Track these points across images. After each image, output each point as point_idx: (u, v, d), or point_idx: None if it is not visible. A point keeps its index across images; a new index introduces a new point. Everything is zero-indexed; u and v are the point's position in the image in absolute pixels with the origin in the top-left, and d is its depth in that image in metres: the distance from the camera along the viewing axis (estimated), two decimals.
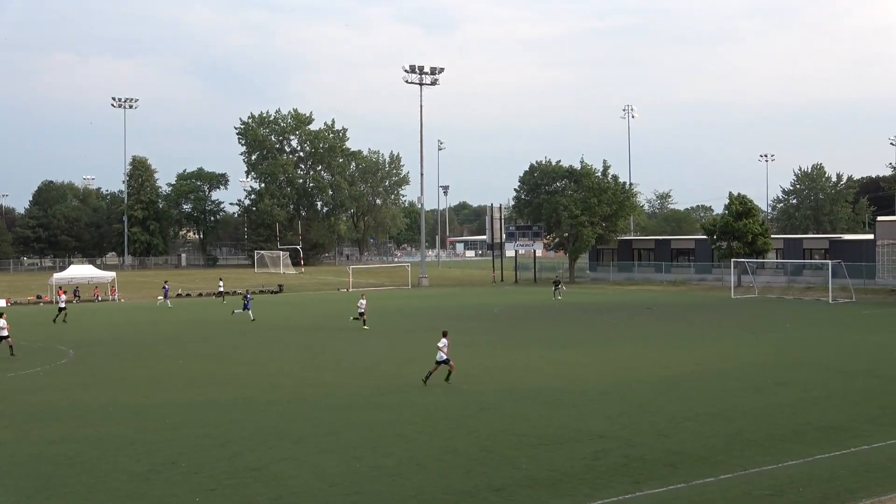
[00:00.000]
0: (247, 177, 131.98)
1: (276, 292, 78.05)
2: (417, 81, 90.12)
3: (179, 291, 76.46)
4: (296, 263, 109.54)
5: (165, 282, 70.08)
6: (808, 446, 18.93)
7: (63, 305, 52.59)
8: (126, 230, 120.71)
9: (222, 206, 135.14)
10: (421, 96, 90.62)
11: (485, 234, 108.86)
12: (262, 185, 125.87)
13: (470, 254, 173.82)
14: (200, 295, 75.22)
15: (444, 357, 27.23)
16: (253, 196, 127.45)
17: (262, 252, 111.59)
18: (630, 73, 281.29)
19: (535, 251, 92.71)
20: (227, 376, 29.92)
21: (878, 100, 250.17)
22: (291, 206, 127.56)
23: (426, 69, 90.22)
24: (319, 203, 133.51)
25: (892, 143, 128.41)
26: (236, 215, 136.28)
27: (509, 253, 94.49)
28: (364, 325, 45.07)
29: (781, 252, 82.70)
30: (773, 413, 22.59)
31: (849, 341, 38.30)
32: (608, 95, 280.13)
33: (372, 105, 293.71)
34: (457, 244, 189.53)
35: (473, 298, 68.67)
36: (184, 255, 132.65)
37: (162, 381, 29.12)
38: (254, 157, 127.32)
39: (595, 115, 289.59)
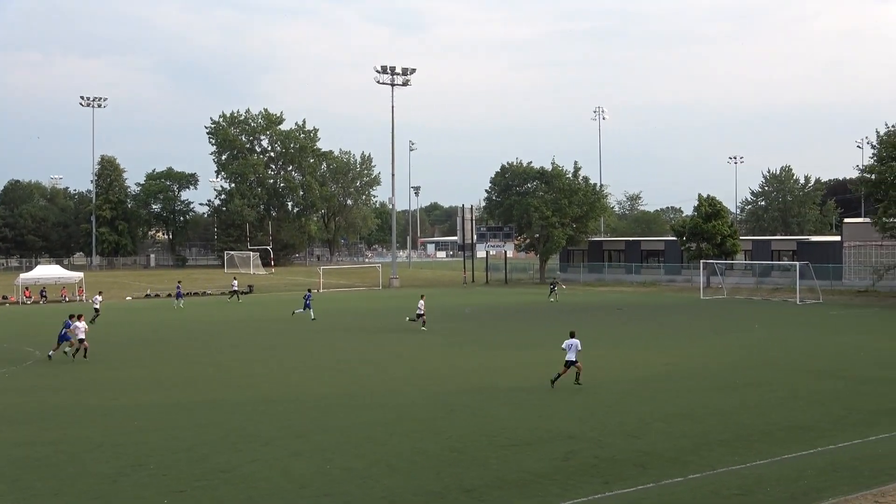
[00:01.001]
0: (217, 177, 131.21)
1: (245, 293, 77.60)
2: (389, 82, 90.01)
3: (148, 292, 75.85)
4: (266, 264, 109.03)
5: (179, 282, 69.07)
6: (775, 446, 19.09)
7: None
8: (94, 230, 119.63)
9: (192, 206, 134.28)
10: (392, 97, 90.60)
11: (456, 234, 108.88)
12: (233, 185, 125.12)
13: (441, 254, 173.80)
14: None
15: (573, 358, 26.69)
16: (223, 196, 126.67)
17: (232, 252, 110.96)
18: (601, 75, 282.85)
19: (506, 252, 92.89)
20: (195, 378, 29.74)
21: (845, 103, 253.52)
22: (262, 207, 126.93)
23: (398, 70, 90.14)
24: (290, 203, 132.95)
25: (858, 146, 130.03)
26: (206, 215, 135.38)
27: (480, 254, 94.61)
28: (423, 326, 43.82)
29: (750, 253, 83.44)
30: (742, 413, 22.77)
31: (816, 342, 38.68)
32: (579, 97, 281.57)
33: (343, 105, 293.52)
34: (428, 245, 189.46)
35: (444, 299, 68.65)
36: (153, 256, 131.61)
37: (130, 383, 28.88)
38: (224, 157, 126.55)
39: (566, 116, 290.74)
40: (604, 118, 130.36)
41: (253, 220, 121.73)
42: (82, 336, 33.77)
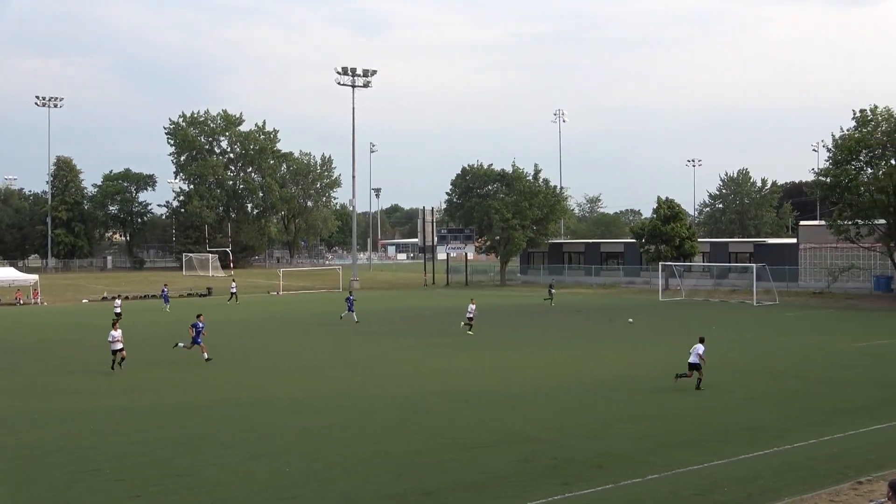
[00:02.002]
0: (175, 178, 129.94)
1: (204, 295, 77.03)
2: (350, 83, 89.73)
3: (105, 294, 74.97)
4: (225, 266, 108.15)
5: (165, 285, 67.92)
6: (733, 446, 19.28)
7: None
8: (49, 232, 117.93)
9: (150, 207, 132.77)
10: (353, 98, 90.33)
11: (417, 236, 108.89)
12: (191, 186, 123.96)
13: (402, 257, 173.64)
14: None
15: (696, 361, 26.47)
16: (181, 197, 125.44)
17: (191, 255, 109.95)
18: (561, 78, 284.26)
19: (466, 254, 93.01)
20: (153, 381, 29.39)
21: (801, 107, 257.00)
22: (221, 208, 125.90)
23: (358, 71, 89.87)
24: (250, 205, 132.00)
25: (814, 150, 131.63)
26: (164, 217, 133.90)
27: (441, 256, 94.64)
28: (469, 330, 42.88)
29: (708, 255, 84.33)
30: (699, 414, 22.99)
31: (772, 343, 39.14)
32: (539, 100, 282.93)
33: (303, 107, 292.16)
34: (388, 247, 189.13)
35: (405, 301, 68.63)
36: (110, 258, 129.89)
37: (87, 387, 28.52)
38: (182, 158, 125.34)
39: (526, 119, 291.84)
40: (564, 121, 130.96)
41: (212, 221, 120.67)
42: (119, 346, 31.37)
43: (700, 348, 26.49)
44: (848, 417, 22.30)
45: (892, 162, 64.44)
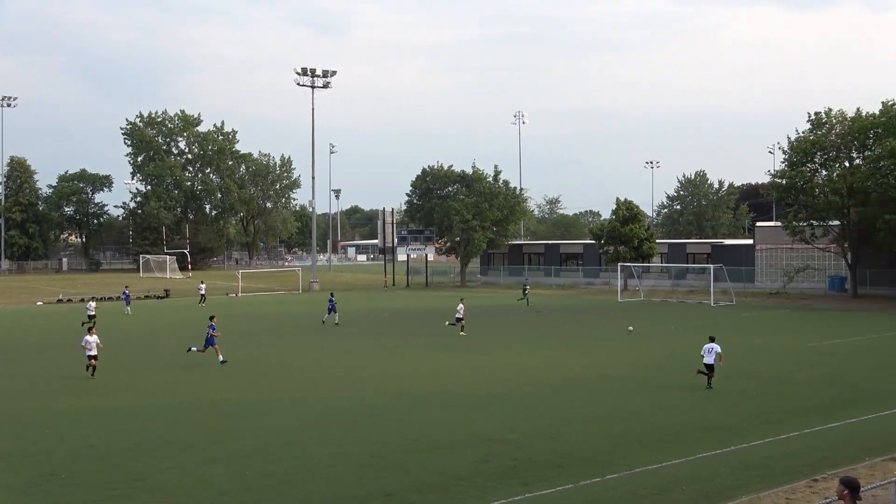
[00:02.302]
0: (132, 179, 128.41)
1: (161, 297, 76.28)
2: (309, 84, 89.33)
3: (60, 297, 73.96)
4: (183, 268, 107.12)
5: (126, 287, 66.16)
6: (690, 445, 19.46)
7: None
8: (3, 233, 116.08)
9: (106, 208, 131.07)
10: (313, 99, 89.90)
11: (377, 238, 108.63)
12: (149, 187, 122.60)
13: (362, 258, 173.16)
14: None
15: (712, 361, 26.62)
16: (139, 199, 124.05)
17: (148, 256, 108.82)
18: (520, 80, 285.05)
19: (427, 255, 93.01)
20: (109, 384, 29.00)
21: (757, 109, 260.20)
22: (179, 210, 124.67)
23: (318, 72, 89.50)
24: (208, 206, 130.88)
25: (770, 152, 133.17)
26: (121, 218, 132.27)
27: (401, 257, 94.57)
28: (462, 331, 42.87)
29: (666, 256, 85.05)
30: (658, 414, 23.17)
31: (729, 343, 39.45)
32: (499, 101, 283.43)
33: (262, 107, 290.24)
34: (348, 248, 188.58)
35: (364, 302, 68.46)
36: (65, 260, 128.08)
37: (41, 390, 28.09)
38: (140, 159, 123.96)
39: (487, 120, 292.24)
40: (524, 122, 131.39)
41: (170, 223, 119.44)
42: (94, 352, 29.95)
43: (716, 348, 26.73)
44: (803, 416, 22.60)
45: (846, 164, 65.48)
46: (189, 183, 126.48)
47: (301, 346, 39.41)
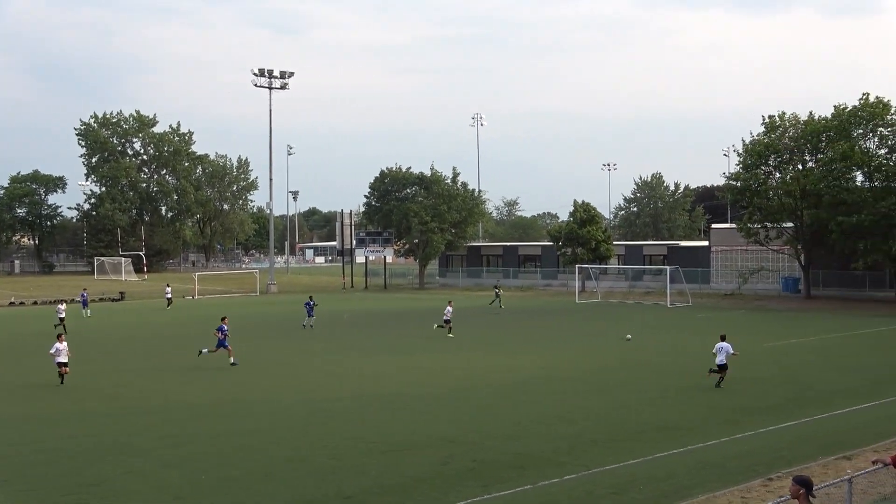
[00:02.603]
0: (86, 180, 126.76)
1: (117, 300, 75.36)
2: (266, 85, 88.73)
3: (13, 300, 72.80)
4: (138, 270, 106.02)
5: (84, 289, 64.74)
6: (647, 445, 19.61)
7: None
8: None
9: (60, 210, 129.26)
10: (270, 100, 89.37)
11: (335, 240, 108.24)
12: (103, 188, 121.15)
13: (320, 260, 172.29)
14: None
15: (724, 361, 26.96)
16: (93, 200, 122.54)
17: (103, 258, 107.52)
18: (479, 82, 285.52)
19: (385, 257, 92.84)
20: (62, 388, 28.59)
21: (712, 112, 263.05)
22: (134, 211, 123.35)
23: (275, 73, 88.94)
24: (164, 208, 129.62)
25: (725, 155, 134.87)
26: (75, 220, 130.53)
27: (360, 259, 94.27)
28: (449, 333, 42.83)
29: (623, 258, 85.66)
30: (615, 414, 23.33)
31: (685, 344, 39.92)
32: (457, 103, 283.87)
33: (219, 108, 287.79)
34: (307, 250, 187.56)
35: (323, 304, 68.07)
36: (17, 262, 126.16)
37: None
38: (94, 160, 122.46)
39: (445, 122, 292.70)
40: (482, 124, 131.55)
41: (125, 225, 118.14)
42: (64, 359, 28.86)
43: (728, 347, 27.16)
44: (758, 416, 22.87)
45: (799, 167, 66.41)
46: (145, 184, 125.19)
47: (258, 349, 39.12)
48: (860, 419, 22.52)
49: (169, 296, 67.84)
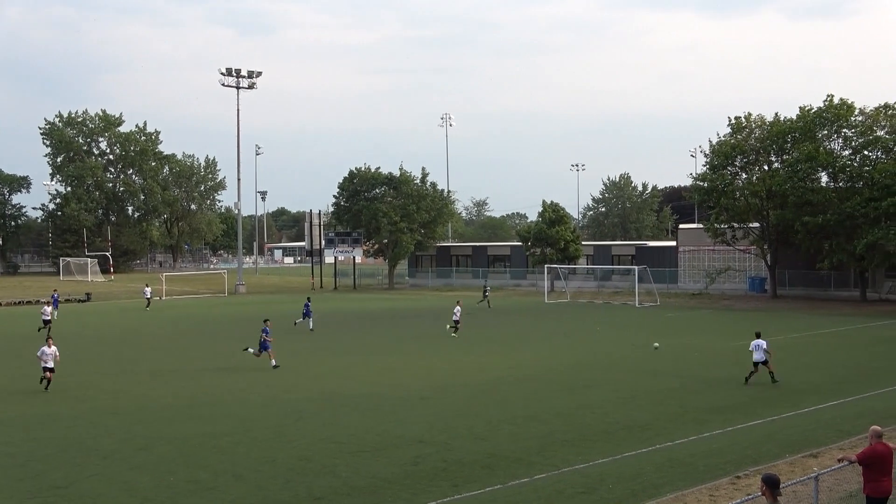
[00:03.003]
0: (51, 180, 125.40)
1: (83, 301, 74.61)
2: (234, 85, 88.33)
3: None
4: (105, 271, 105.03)
5: (55, 290, 63.30)
6: (616, 444, 19.73)
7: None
8: None
9: (24, 210, 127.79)
10: (238, 100, 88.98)
11: (304, 240, 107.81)
12: (69, 188, 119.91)
13: (289, 260, 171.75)
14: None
15: (763, 358, 27.33)
16: (58, 200, 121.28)
17: (69, 259, 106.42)
18: (448, 82, 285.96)
19: (354, 258, 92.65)
20: (27, 391, 28.26)
21: (680, 114, 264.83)
22: (100, 211, 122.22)
23: (243, 72, 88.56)
24: (130, 208, 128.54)
25: (692, 155, 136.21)
26: (40, 220, 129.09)
27: (329, 259, 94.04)
28: (454, 333, 42.98)
29: (592, 258, 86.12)
30: (584, 414, 23.44)
31: (653, 343, 40.13)
32: (426, 103, 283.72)
33: (187, 108, 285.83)
34: (275, 251, 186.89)
35: (292, 305, 67.86)
36: None
37: None
38: (59, 160, 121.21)
39: (414, 122, 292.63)
40: (451, 125, 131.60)
41: (91, 225, 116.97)
42: (51, 364, 28.03)
43: (763, 343, 27.78)
44: (726, 414, 23.08)
45: (765, 167, 67.05)
46: (111, 184, 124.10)
47: (228, 351, 38.91)
48: (826, 417, 22.78)
49: (148, 296, 67.28)
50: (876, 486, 12.90)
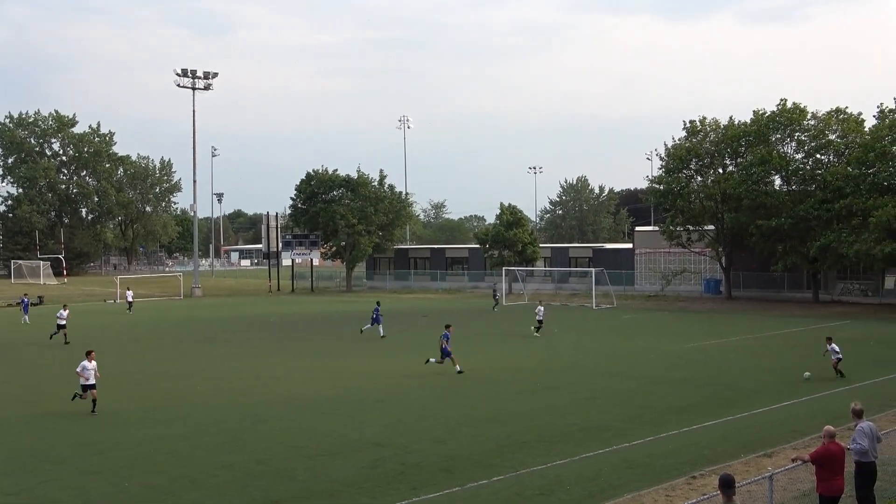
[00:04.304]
0: (2, 181, 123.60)
1: (35, 304, 73.35)
2: (190, 86, 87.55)
3: None
4: (58, 273, 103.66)
5: (25, 294, 61.71)
6: (575, 446, 19.81)
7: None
8: None
9: None
10: (194, 101, 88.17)
11: (261, 243, 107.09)
12: (20, 190, 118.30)
13: (245, 263, 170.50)
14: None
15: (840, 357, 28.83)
16: (9, 202, 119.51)
17: (20, 262, 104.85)
18: (405, 84, 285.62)
19: (312, 260, 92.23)
20: None
21: (636, 116, 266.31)
22: (53, 213, 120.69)
23: (199, 73, 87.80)
24: (84, 210, 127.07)
25: (648, 158, 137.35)
26: None
27: (286, 262, 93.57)
28: (537, 333, 43.31)
29: (549, 260, 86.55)
30: (543, 415, 23.51)
31: (610, 345, 40.44)
32: (384, 105, 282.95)
33: (141, 109, 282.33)
34: (232, 253, 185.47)
35: (249, 308, 67.45)
36: None
37: None
38: (10, 161, 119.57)
39: (372, 124, 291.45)
40: (409, 127, 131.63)
41: (43, 227, 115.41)
42: (92, 381, 24.60)
43: (836, 347, 29.18)
44: (682, 415, 23.27)
45: (720, 171, 67.81)
46: (64, 186, 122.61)
47: (184, 353, 38.54)
48: (779, 417, 23.05)
49: (130, 299, 66.52)
50: (829, 484, 13.09)
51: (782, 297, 67.17)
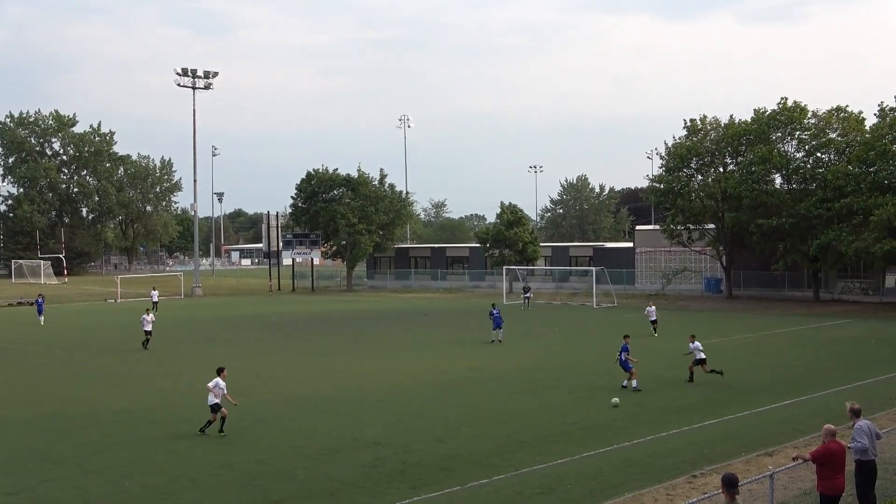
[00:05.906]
0: (3, 181, 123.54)
1: (32, 304, 73.38)
2: (190, 85, 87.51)
3: None
4: (59, 273, 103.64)
5: (40, 295, 60.61)
6: (575, 445, 19.80)
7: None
8: None
9: None
10: (194, 100, 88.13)
11: (261, 242, 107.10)
12: (21, 189, 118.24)
13: (246, 262, 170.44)
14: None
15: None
16: (10, 202, 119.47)
17: (21, 261, 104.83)
18: (406, 84, 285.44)
19: (312, 259, 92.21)
20: None
21: (636, 116, 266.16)
22: (53, 213, 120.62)
23: (199, 73, 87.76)
24: (85, 209, 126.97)
25: (648, 157, 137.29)
26: None
27: (287, 261, 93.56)
28: (655, 333, 43.40)
29: (550, 259, 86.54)
30: (543, 414, 23.49)
31: (611, 344, 40.30)
32: (385, 105, 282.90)
33: (142, 108, 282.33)
34: (232, 253, 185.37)
35: (249, 308, 67.45)
36: None
37: None
38: (11, 161, 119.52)
39: (372, 123, 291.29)
40: (409, 126, 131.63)
41: (44, 226, 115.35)
42: (218, 400, 22.04)
43: (698, 344, 28.83)
44: (682, 414, 23.26)
45: (721, 169, 67.78)
46: (64, 185, 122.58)
47: (181, 354, 38.53)
48: (780, 416, 23.05)
49: (155, 300, 66.13)
50: (829, 483, 13.08)
51: (783, 295, 67.13)
